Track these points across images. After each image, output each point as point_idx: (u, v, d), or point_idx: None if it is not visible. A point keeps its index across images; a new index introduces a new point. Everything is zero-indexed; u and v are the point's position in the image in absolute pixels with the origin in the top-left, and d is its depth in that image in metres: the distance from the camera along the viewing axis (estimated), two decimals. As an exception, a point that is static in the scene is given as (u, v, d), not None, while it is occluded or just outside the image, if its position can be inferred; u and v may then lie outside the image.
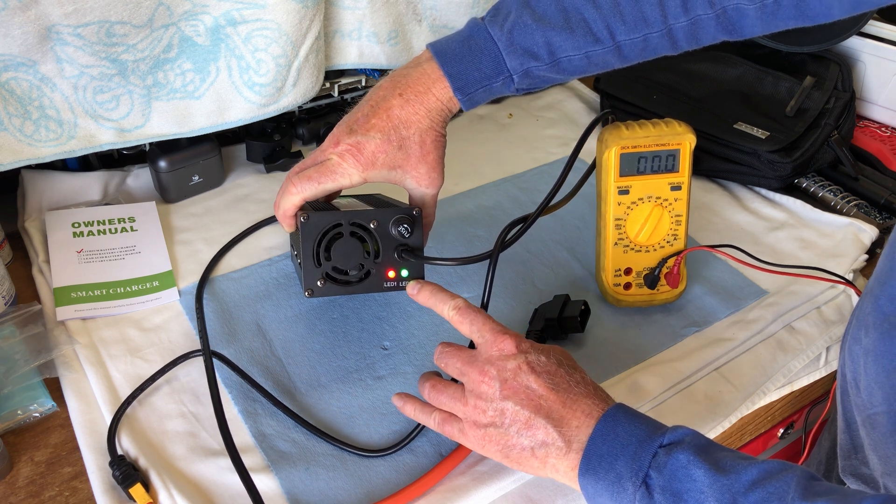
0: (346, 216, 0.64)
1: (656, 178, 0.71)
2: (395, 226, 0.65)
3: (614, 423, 0.50)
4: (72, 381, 0.65)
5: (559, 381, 0.53)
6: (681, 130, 0.70)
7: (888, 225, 0.86)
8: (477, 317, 0.58)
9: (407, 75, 0.64)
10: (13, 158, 0.75)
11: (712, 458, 0.47)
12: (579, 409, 0.52)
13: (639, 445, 0.48)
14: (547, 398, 0.52)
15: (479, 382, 0.54)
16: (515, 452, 0.53)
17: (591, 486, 0.49)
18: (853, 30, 0.96)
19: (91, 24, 0.71)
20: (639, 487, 0.47)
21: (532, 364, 0.54)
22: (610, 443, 0.49)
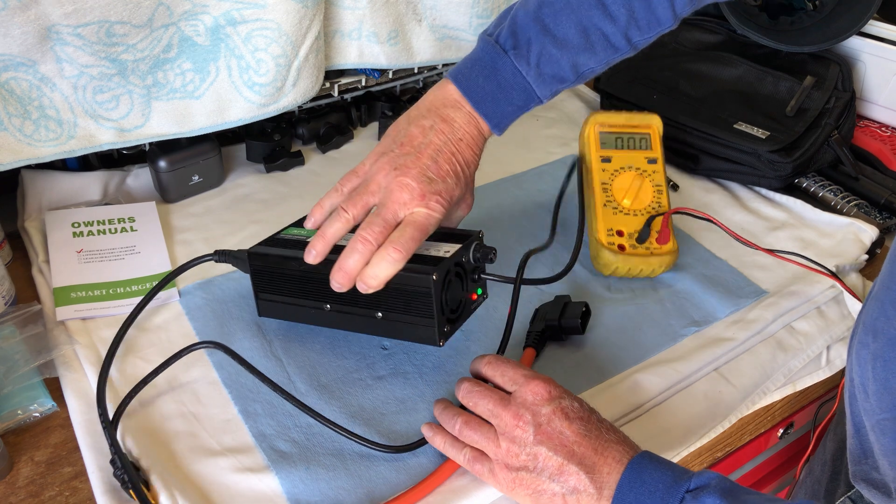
0: (453, 261, 0.64)
1: (633, 152, 0.81)
2: (475, 253, 0.67)
3: (640, 470, 0.51)
4: (72, 381, 0.65)
5: (591, 427, 0.54)
6: (648, 115, 0.83)
7: (888, 225, 0.86)
8: (507, 366, 0.59)
9: (453, 119, 0.66)
10: (13, 158, 0.75)
11: (739, 502, 0.48)
12: (610, 455, 0.52)
13: (666, 491, 0.49)
14: (580, 444, 0.53)
15: (513, 426, 0.55)
16: (546, 498, 0.53)
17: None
18: (853, 30, 0.96)
19: (91, 24, 0.71)
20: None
21: (566, 410, 0.54)
22: (637, 490, 0.50)
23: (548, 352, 0.71)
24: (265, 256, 0.68)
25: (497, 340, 0.68)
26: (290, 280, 0.68)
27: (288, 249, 0.68)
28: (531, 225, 0.86)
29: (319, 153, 0.97)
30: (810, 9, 1.04)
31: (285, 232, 0.72)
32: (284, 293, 0.69)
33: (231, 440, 0.62)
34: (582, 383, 0.68)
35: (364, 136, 1.01)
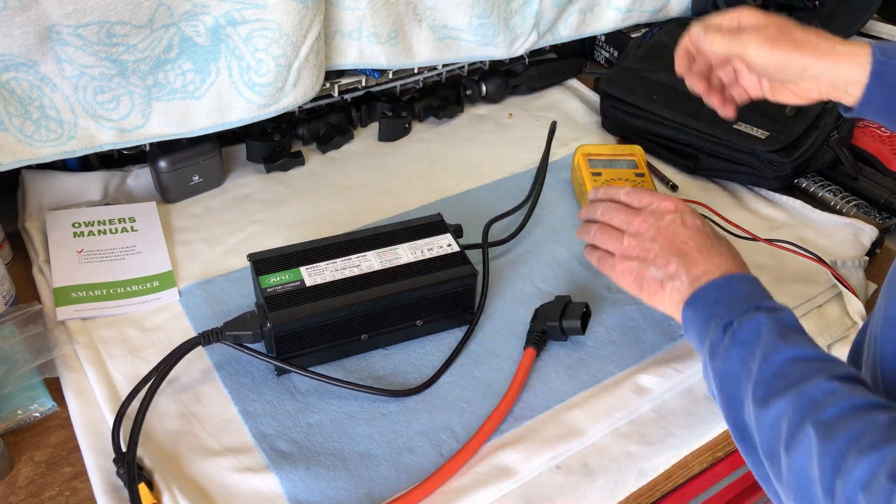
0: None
1: (621, 170, 0.87)
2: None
3: (735, 282, 0.58)
4: (72, 381, 0.65)
5: (703, 238, 0.62)
6: (631, 147, 0.90)
7: (888, 225, 0.86)
8: (643, 192, 0.68)
9: None
10: (13, 158, 0.75)
11: (788, 331, 0.53)
12: (711, 260, 0.60)
13: (741, 300, 0.56)
14: (688, 245, 0.61)
15: (638, 226, 0.65)
16: (647, 283, 0.62)
17: (689, 318, 0.58)
18: (853, 30, 0.96)
19: (91, 25, 0.71)
20: (719, 327, 0.55)
21: (685, 220, 0.64)
22: (722, 292, 0.57)
23: (548, 351, 0.71)
24: (291, 322, 0.64)
25: (497, 339, 0.68)
26: (323, 330, 0.66)
27: (311, 304, 0.65)
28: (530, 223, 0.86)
29: (319, 153, 0.97)
30: (810, 8, 1.04)
31: (267, 286, 0.66)
32: (314, 344, 0.67)
33: (231, 440, 0.62)
34: (582, 383, 0.68)
35: (364, 136, 1.01)
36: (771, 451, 0.49)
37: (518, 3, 0.98)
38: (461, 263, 0.71)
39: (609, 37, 1.18)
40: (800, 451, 0.46)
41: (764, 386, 0.50)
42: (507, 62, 1.11)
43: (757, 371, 0.51)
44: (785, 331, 0.53)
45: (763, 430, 0.49)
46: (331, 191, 0.91)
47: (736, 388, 0.53)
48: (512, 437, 0.63)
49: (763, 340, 0.52)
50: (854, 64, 0.62)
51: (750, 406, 0.51)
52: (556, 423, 0.64)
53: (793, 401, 0.48)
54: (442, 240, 0.73)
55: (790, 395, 0.49)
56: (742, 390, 0.52)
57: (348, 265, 0.69)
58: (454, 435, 0.63)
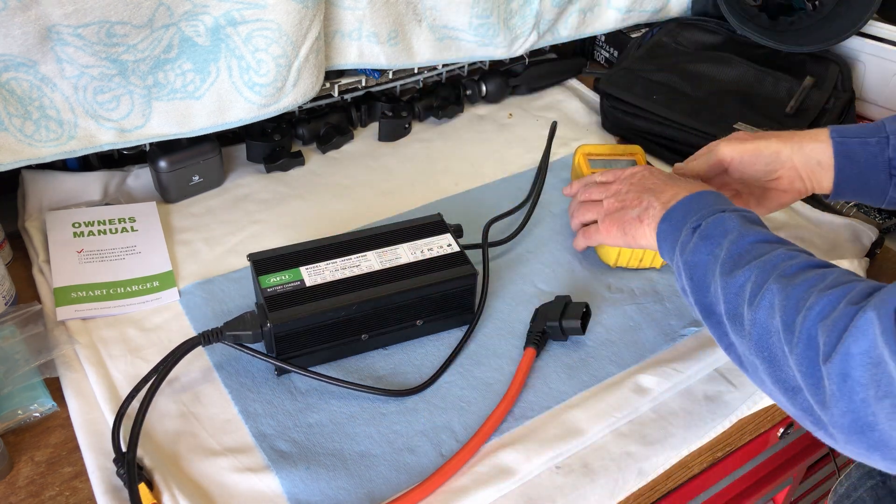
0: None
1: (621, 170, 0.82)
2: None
3: (703, 195, 0.63)
4: (72, 381, 0.65)
5: (669, 178, 0.68)
6: (631, 147, 0.89)
7: (888, 225, 0.86)
8: (608, 170, 0.76)
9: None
10: (13, 158, 0.75)
11: (752, 224, 0.58)
12: (678, 187, 0.65)
13: (708, 208, 0.60)
14: (655, 183, 0.68)
15: (615, 188, 0.72)
16: (629, 226, 0.68)
17: (663, 231, 0.63)
18: (853, 30, 0.96)
19: (91, 25, 0.71)
20: (689, 230, 0.60)
21: (652, 171, 0.70)
22: (691, 205, 0.62)
23: (548, 351, 0.71)
24: (292, 322, 0.64)
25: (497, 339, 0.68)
26: (323, 330, 0.66)
27: (311, 304, 0.65)
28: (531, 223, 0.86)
29: (319, 153, 0.97)
30: (810, 9, 1.04)
31: (267, 286, 0.66)
32: (314, 344, 0.67)
33: (231, 440, 0.62)
34: (582, 383, 0.68)
35: (364, 136, 1.01)
36: (735, 313, 0.53)
37: (518, 3, 0.98)
38: (461, 263, 0.71)
39: (609, 37, 1.18)
40: (763, 304, 0.51)
41: (730, 262, 0.55)
42: (507, 62, 1.11)
43: (724, 254, 0.56)
44: (749, 223, 0.58)
45: (728, 297, 0.54)
46: (331, 191, 0.91)
47: (703, 274, 0.57)
48: (512, 437, 0.63)
49: (728, 231, 0.57)
50: (817, 142, 0.69)
51: (718, 282, 0.55)
52: (556, 423, 0.64)
53: (757, 269, 0.53)
54: (442, 240, 0.73)
55: (755, 265, 0.53)
56: (709, 274, 0.57)
57: (348, 265, 0.69)
58: (454, 435, 0.63)
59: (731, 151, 0.71)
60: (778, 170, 0.70)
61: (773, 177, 0.71)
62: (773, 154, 0.70)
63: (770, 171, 0.71)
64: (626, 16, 1.09)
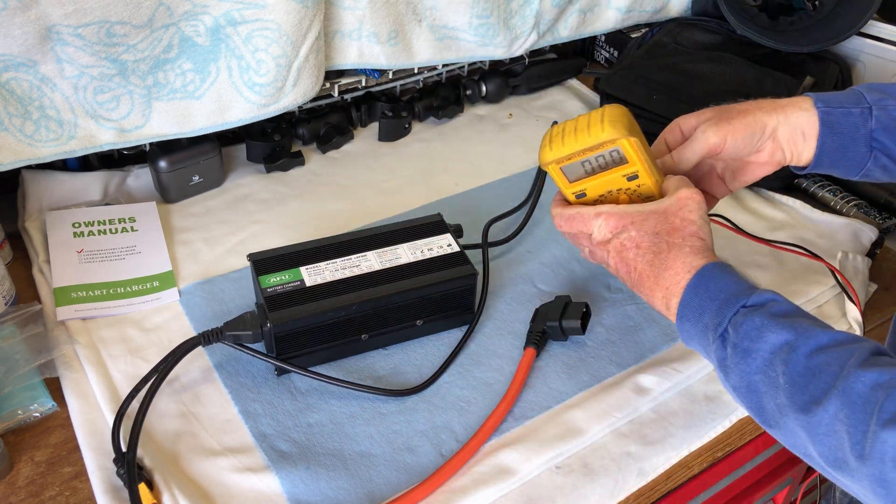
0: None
1: (610, 173, 0.63)
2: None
3: (702, 283, 0.56)
4: (72, 381, 0.65)
5: (649, 255, 0.59)
6: (606, 136, 0.60)
7: (888, 225, 0.86)
8: (568, 219, 0.64)
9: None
10: (13, 158, 0.75)
11: (788, 319, 0.52)
12: (662, 284, 0.58)
13: (724, 303, 0.54)
14: (639, 273, 0.59)
15: (600, 257, 0.63)
16: (632, 284, 0.61)
17: (686, 331, 0.57)
18: (853, 30, 0.96)
19: (91, 25, 0.71)
20: (715, 340, 0.54)
21: (625, 244, 0.60)
22: (699, 298, 0.55)
23: (548, 351, 0.71)
24: (292, 322, 0.64)
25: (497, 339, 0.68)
26: (323, 330, 0.66)
27: (311, 304, 0.65)
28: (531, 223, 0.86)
29: (319, 153, 0.97)
30: (810, 9, 1.04)
31: (267, 286, 0.66)
32: (314, 344, 0.67)
33: (231, 440, 0.62)
34: (582, 383, 0.68)
35: (364, 136, 1.01)
36: (836, 459, 0.47)
37: (518, 3, 0.98)
38: (461, 263, 0.71)
39: (609, 37, 1.19)
40: (877, 457, 0.45)
41: (798, 392, 0.49)
42: (507, 62, 1.11)
43: (783, 379, 0.49)
44: (785, 321, 0.51)
45: (819, 439, 0.48)
46: (331, 191, 0.91)
47: (763, 401, 0.51)
48: (512, 437, 0.63)
49: (771, 343, 0.51)
50: (802, 111, 0.66)
51: (791, 416, 0.49)
52: (556, 423, 0.64)
53: (841, 403, 0.47)
54: (442, 240, 0.73)
55: (835, 397, 0.47)
56: (770, 402, 0.50)
57: (348, 265, 0.69)
58: (454, 435, 0.63)
59: (720, 137, 0.65)
60: (762, 143, 0.66)
61: (755, 150, 0.67)
62: (761, 128, 0.65)
63: (755, 146, 0.66)
64: (626, 16, 1.09)
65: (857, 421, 0.46)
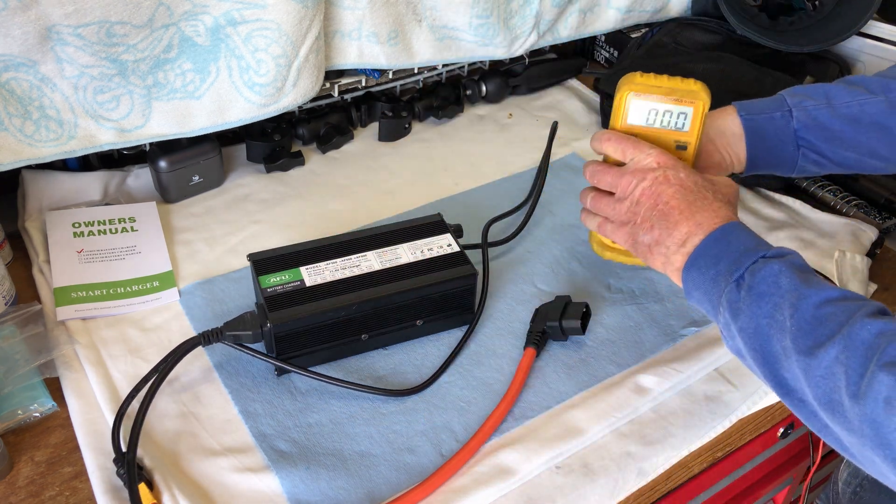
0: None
1: (663, 132, 0.67)
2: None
3: (729, 234, 0.58)
4: (72, 381, 0.65)
5: (686, 194, 0.61)
6: (696, 90, 0.66)
7: (888, 225, 0.86)
8: (624, 141, 0.65)
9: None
10: (13, 158, 0.75)
11: (803, 275, 0.54)
12: (693, 219, 0.59)
13: (743, 253, 0.56)
14: (669, 205, 0.61)
15: (624, 187, 0.64)
16: (641, 249, 0.63)
17: (691, 280, 0.59)
18: (853, 30, 0.96)
19: (91, 25, 0.71)
20: (730, 283, 0.55)
21: (668, 177, 0.62)
22: (719, 247, 0.57)
23: (548, 351, 0.71)
24: (292, 322, 0.64)
25: (497, 339, 0.68)
26: (323, 330, 0.66)
27: (311, 304, 0.65)
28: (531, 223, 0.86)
29: (319, 153, 0.97)
30: (810, 9, 1.04)
31: (267, 286, 0.66)
32: (314, 344, 0.67)
33: (231, 440, 0.62)
34: (582, 383, 0.68)
35: (364, 136, 1.01)
36: (830, 401, 0.48)
37: (518, 3, 0.98)
38: (461, 263, 0.71)
39: (609, 37, 1.19)
40: (871, 397, 0.46)
41: (803, 336, 0.50)
42: (507, 62, 1.11)
43: (790, 322, 0.51)
44: (802, 274, 0.54)
45: (816, 381, 0.49)
46: (331, 191, 0.91)
47: (769, 344, 0.52)
48: (512, 437, 0.63)
49: (784, 289, 0.52)
50: (727, 116, 0.71)
51: (793, 359, 0.50)
52: (556, 423, 0.64)
53: (843, 347, 0.48)
54: (442, 240, 0.73)
55: (837, 341, 0.48)
56: (777, 344, 0.52)
57: (348, 265, 0.69)
58: (454, 435, 0.63)
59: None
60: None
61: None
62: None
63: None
64: (626, 16, 1.09)
65: (856, 363, 0.47)
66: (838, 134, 0.70)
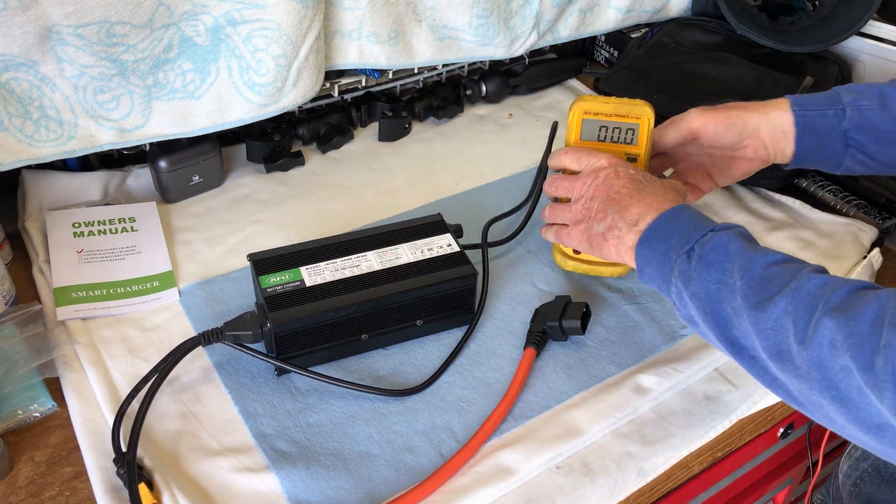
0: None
1: (614, 146, 0.74)
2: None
3: (678, 213, 0.60)
4: (72, 381, 0.65)
5: (636, 184, 0.64)
6: (640, 105, 0.74)
7: (888, 225, 0.86)
8: (580, 151, 0.70)
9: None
10: (13, 158, 0.75)
11: (750, 244, 0.56)
12: (643, 201, 0.62)
13: (693, 228, 0.58)
14: (621, 194, 0.63)
15: (579, 189, 0.67)
16: (595, 240, 0.65)
17: (644, 255, 0.60)
18: (853, 30, 0.96)
19: (91, 25, 0.71)
20: (681, 255, 0.57)
21: (619, 172, 0.65)
22: (670, 225, 0.60)
23: (548, 351, 0.71)
24: (292, 322, 0.64)
25: (497, 339, 0.68)
26: (323, 330, 0.66)
27: (311, 304, 0.65)
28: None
29: (319, 153, 0.97)
30: (810, 9, 1.04)
31: (267, 286, 0.66)
32: (314, 344, 0.67)
33: (231, 440, 0.62)
34: (582, 383, 0.68)
35: (364, 136, 1.01)
36: (779, 351, 0.50)
37: (518, 3, 0.98)
38: (461, 263, 0.71)
39: (609, 37, 1.18)
40: (818, 342, 0.48)
41: (753, 293, 0.53)
42: (507, 62, 1.11)
43: (740, 282, 0.53)
44: (748, 243, 0.56)
45: (765, 334, 0.51)
46: (331, 191, 0.91)
47: (720, 306, 0.54)
48: (512, 437, 0.63)
49: (733, 255, 0.55)
50: (781, 111, 0.71)
51: (743, 316, 0.53)
52: (556, 423, 0.64)
53: (791, 299, 0.50)
54: (442, 240, 0.73)
55: (785, 295, 0.51)
56: (727, 306, 0.54)
57: (348, 265, 0.69)
58: (454, 435, 0.63)
59: (703, 121, 0.72)
60: (746, 139, 0.72)
61: (740, 146, 0.72)
62: (743, 123, 0.71)
63: (739, 141, 0.72)
64: (626, 16, 1.09)
65: (803, 312, 0.49)
66: (889, 135, 0.70)
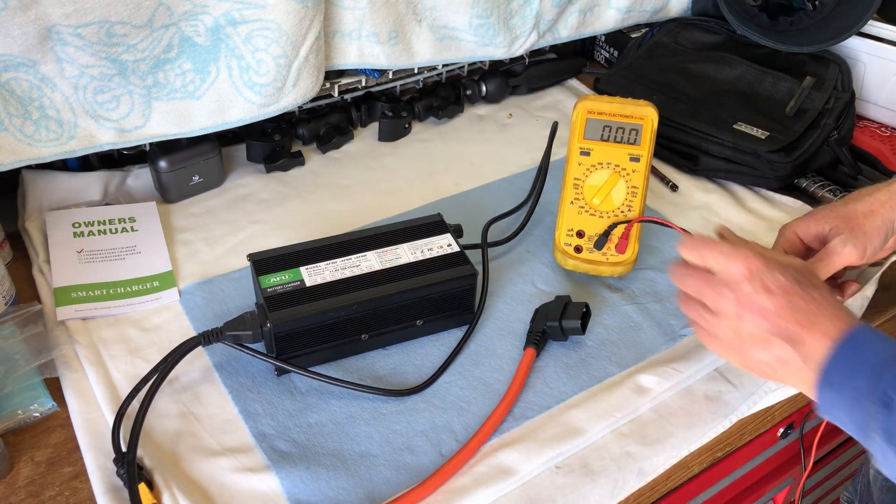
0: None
1: (617, 146, 0.75)
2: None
3: (857, 343, 0.52)
4: (72, 381, 0.65)
5: (796, 300, 0.54)
6: (644, 106, 0.75)
7: (888, 225, 0.86)
8: (705, 248, 0.59)
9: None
10: (13, 158, 0.75)
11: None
12: (816, 329, 0.53)
13: (882, 364, 0.50)
14: (783, 317, 0.54)
15: (714, 302, 0.57)
16: (755, 365, 0.57)
17: (828, 399, 0.52)
18: (853, 30, 0.96)
19: (91, 25, 0.71)
20: (877, 404, 0.49)
21: (767, 286, 0.55)
22: (850, 360, 0.51)
23: (548, 351, 0.71)
24: (292, 322, 0.64)
25: (497, 339, 0.68)
26: (323, 330, 0.66)
27: (311, 304, 0.65)
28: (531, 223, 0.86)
29: (319, 153, 0.97)
30: (810, 9, 1.04)
31: (267, 286, 0.66)
32: (314, 344, 0.67)
33: (231, 440, 0.62)
34: (582, 383, 0.68)
35: (364, 136, 1.01)
36: None
37: (518, 3, 0.98)
38: (461, 263, 0.71)
39: (609, 37, 1.19)
40: None
41: None
42: (507, 62, 1.11)
43: None
44: None
45: None
46: (331, 191, 0.91)
47: None
48: (512, 437, 0.63)
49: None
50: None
51: None
52: (556, 423, 0.64)
53: None
54: (442, 240, 0.73)
55: None
56: None
57: (348, 265, 0.69)
58: (454, 435, 0.63)
59: (860, 251, 0.65)
60: (891, 240, 0.67)
61: (890, 240, 0.67)
62: (891, 228, 0.66)
63: (886, 245, 0.67)
64: (626, 16, 1.09)
65: None
66: None
